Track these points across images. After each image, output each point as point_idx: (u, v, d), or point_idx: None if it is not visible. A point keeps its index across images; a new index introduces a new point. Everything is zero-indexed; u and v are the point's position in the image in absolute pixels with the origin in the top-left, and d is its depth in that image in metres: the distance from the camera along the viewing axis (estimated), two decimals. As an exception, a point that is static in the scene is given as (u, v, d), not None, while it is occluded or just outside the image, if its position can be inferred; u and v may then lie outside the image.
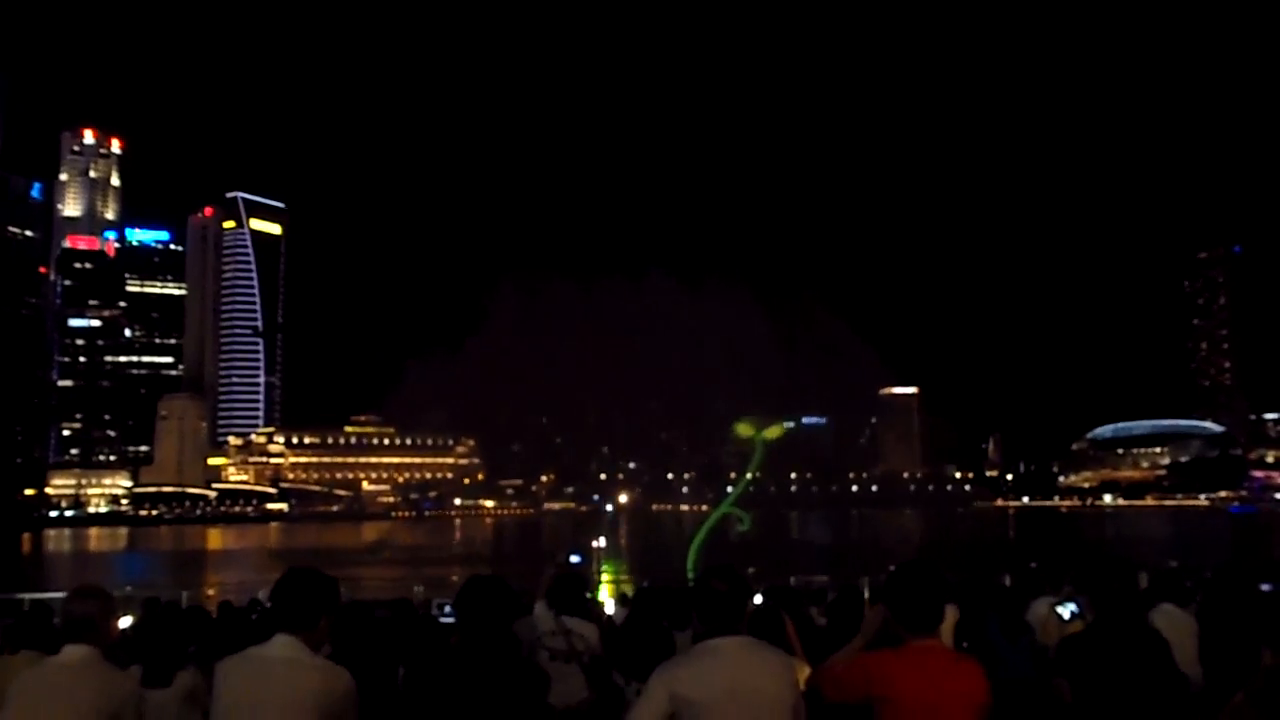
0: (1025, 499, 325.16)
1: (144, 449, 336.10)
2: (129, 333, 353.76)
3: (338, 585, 5.15)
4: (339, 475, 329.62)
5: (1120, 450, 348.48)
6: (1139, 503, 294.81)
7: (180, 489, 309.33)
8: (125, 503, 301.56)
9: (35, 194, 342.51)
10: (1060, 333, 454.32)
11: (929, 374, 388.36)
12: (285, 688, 4.70)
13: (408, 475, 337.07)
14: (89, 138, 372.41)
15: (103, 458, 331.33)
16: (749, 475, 46.35)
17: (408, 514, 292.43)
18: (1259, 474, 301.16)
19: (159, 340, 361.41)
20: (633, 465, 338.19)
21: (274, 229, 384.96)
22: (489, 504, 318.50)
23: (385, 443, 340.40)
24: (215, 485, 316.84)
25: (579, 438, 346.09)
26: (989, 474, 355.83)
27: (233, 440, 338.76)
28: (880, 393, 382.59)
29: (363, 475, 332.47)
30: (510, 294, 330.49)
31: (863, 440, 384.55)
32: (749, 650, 4.75)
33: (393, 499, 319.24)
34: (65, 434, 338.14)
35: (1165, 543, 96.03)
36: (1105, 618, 5.59)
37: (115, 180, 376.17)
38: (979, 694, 4.77)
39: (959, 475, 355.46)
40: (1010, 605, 9.28)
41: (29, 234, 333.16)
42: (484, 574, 5.33)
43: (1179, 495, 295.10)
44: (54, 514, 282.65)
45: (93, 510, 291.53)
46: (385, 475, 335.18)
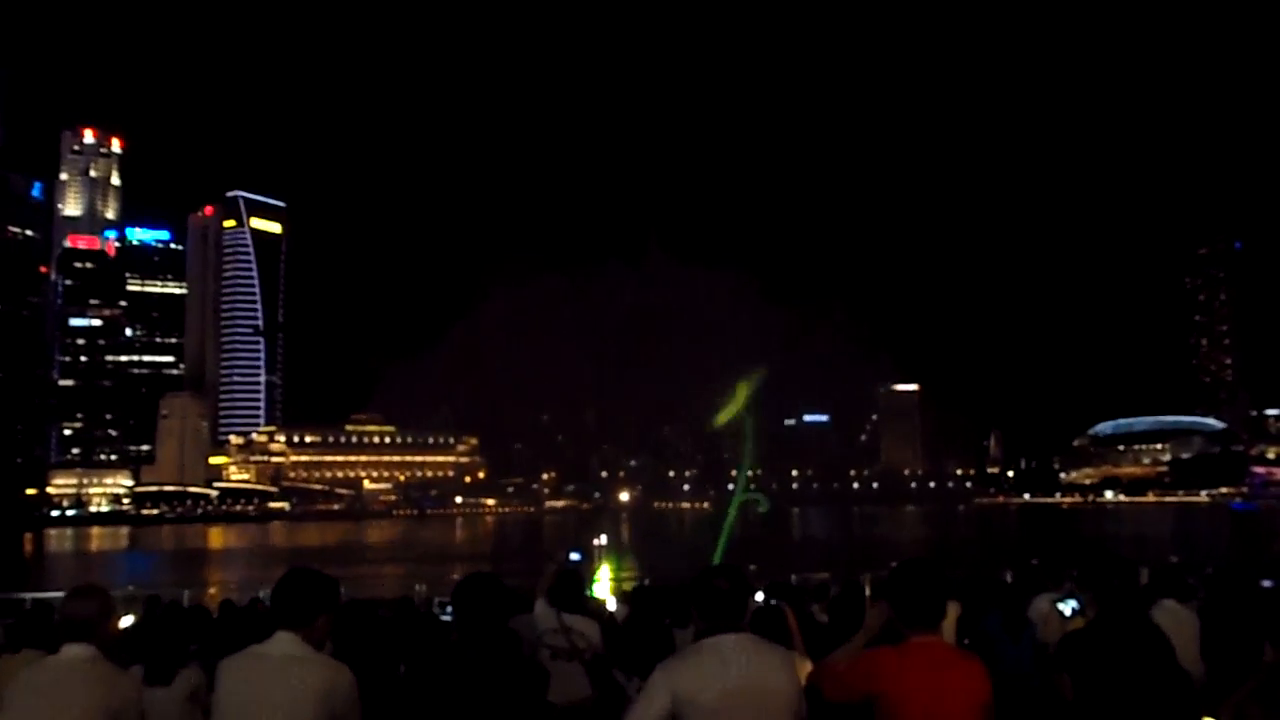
0: (1026, 495, 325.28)
1: (145, 448, 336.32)
2: (130, 332, 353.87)
3: (338, 585, 5.17)
4: (340, 474, 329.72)
5: (1121, 446, 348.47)
6: (1140, 499, 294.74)
7: (181, 488, 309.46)
8: (126, 502, 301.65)
9: (35, 193, 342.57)
10: (1061, 329, 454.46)
11: (930, 371, 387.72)
12: (287, 684, 4.73)
13: (409, 474, 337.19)
14: (89, 137, 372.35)
15: (104, 457, 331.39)
16: (747, 457, 46.68)
17: (409, 512, 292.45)
18: (1260, 470, 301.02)
19: (160, 339, 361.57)
20: (634, 463, 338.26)
21: (274, 228, 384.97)
22: (490, 502, 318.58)
23: (386, 441, 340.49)
24: (216, 484, 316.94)
25: (580, 435, 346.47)
26: (990, 470, 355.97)
27: (234, 439, 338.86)
28: (881, 390, 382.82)
29: (364, 474, 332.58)
30: (511, 291, 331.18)
31: (864, 437, 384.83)
32: (751, 647, 4.75)
33: (394, 497, 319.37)
34: (66, 433, 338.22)
35: (1166, 539, 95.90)
36: (1107, 614, 5.59)
37: (115, 179, 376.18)
38: (981, 691, 4.77)
39: (960, 472, 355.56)
40: (1012, 602, 9.28)
41: (29, 233, 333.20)
42: (479, 571, 5.34)
43: (1180, 491, 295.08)
44: (55, 513, 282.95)
45: (94, 510, 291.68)
46: (386, 474, 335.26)
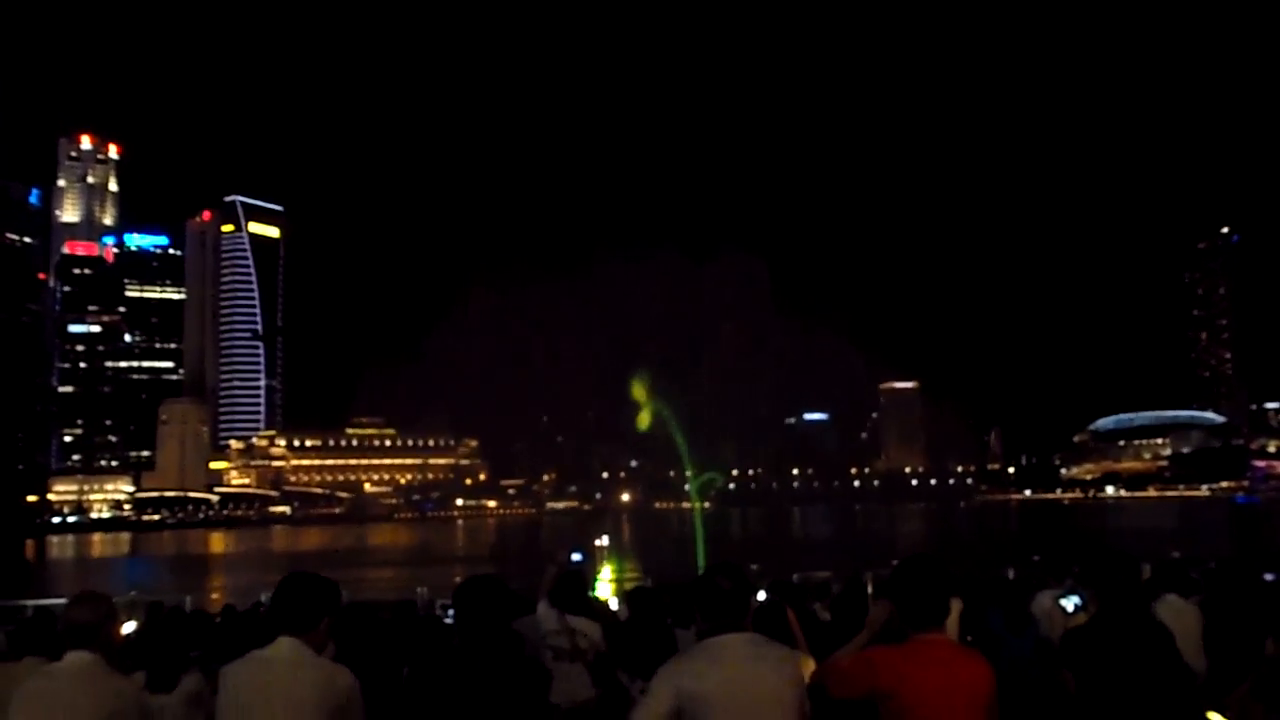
0: (1027, 492, 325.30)
1: (145, 454, 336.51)
2: (129, 338, 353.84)
3: (338, 588, 5.18)
4: (341, 477, 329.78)
5: (1121, 442, 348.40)
6: (1141, 494, 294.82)
7: (182, 493, 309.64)
8: (127, 508, 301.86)
9: (33, 200, 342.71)
10: (1060, 325, 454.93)
11: (930, 368, 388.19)
12: (289, 689, 4.75)
13: (409, 476, 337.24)
14: (86, 143, 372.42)
15: (104, 463, 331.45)
16: (683, 446, 48.15)
17: (410, 515, 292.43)
18: (1260, 464, 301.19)
19: (159, 345, 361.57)
20: (634, 463, 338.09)
21: (272, 232, 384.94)
22: (491, 504, 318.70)
23: (387, 444, 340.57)
24: (217, 489, 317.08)
25: (580, 437, 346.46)
26: (991, 467, 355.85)
27: (234, 444, 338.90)
28: (881, 387, 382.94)
29: (364, 477, 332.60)
30: (509, 293, 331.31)
31: (864, 435, 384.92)
32: (754, 647, 4.74)
33: (395, 500, 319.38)
34: (67, 440, 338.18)
35: (1168, 534, 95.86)
36: (1109, 610, 5.58)
37: (113, 185, 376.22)
38: (985, 687, 4.77)
39: (961, 469, 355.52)
40: (1014, 598, 9.29)
41: (28, 240, 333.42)
42: (481, 573, 5.34)
43: (1181, 486, 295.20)
44: (56, 520, 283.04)
45: (95, 516, 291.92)
46: (387, 477, 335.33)
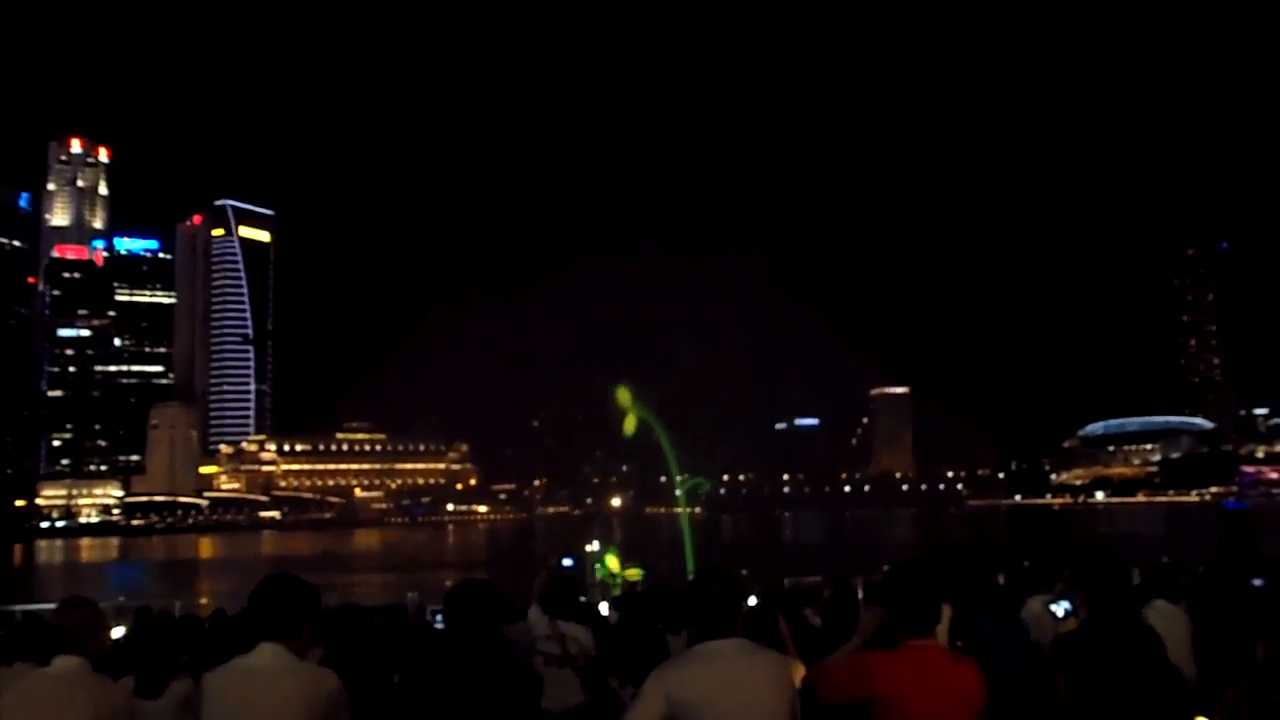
0: (1018, 497, 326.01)
1: (135, 458, 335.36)
2: (118, 342, 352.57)
3: (317, 590, 5.13)
4: (331, 482, 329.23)
5: (1111, 447, 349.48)
6: (1131, 499, 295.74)
7: (172, 498, 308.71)
8: (117, 512, 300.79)
9: (23, 204, 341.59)
10: (1050, 331, 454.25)
11: (920, 374, 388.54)
12: (274, 696, 4.72)
13: (400, 481, 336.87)
14: (76, 147, 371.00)
15: (93, 468, 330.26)
16: (669, 451, 48.78)
17: (400, 520, 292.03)
18: (1249, 469, 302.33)
19: (149, 349, 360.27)
20: (625, 468, 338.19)
21: (263, 236, 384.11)
22: (482, 509, 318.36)
23: (377, 449, 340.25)
24: (207, 494, 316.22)
25: (571, 442, 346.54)
26: (981, 472, 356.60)
27: (224, 448, 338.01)
28: (872, 392, 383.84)
29: (355, 482, 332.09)
30: (501, 298, 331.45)
31: (855, 440, 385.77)
32: (744, 652, 4.73)
33: (385, 505, 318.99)
34: (56, 444, 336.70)
35: (1157, 539, 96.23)
36: (1099, 615, 5.60)
37: (103, 189, 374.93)
38: (976, 693, 4.77)
39: (951, 474, 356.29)
40: (1004, 604, 9.29)
41: (17, 244, 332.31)
42: (471, 579, 5.32)
43: (1170, 491, 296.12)
44: (45, 525, 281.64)
45: (84, 520, 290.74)
46: (377, 482, 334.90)
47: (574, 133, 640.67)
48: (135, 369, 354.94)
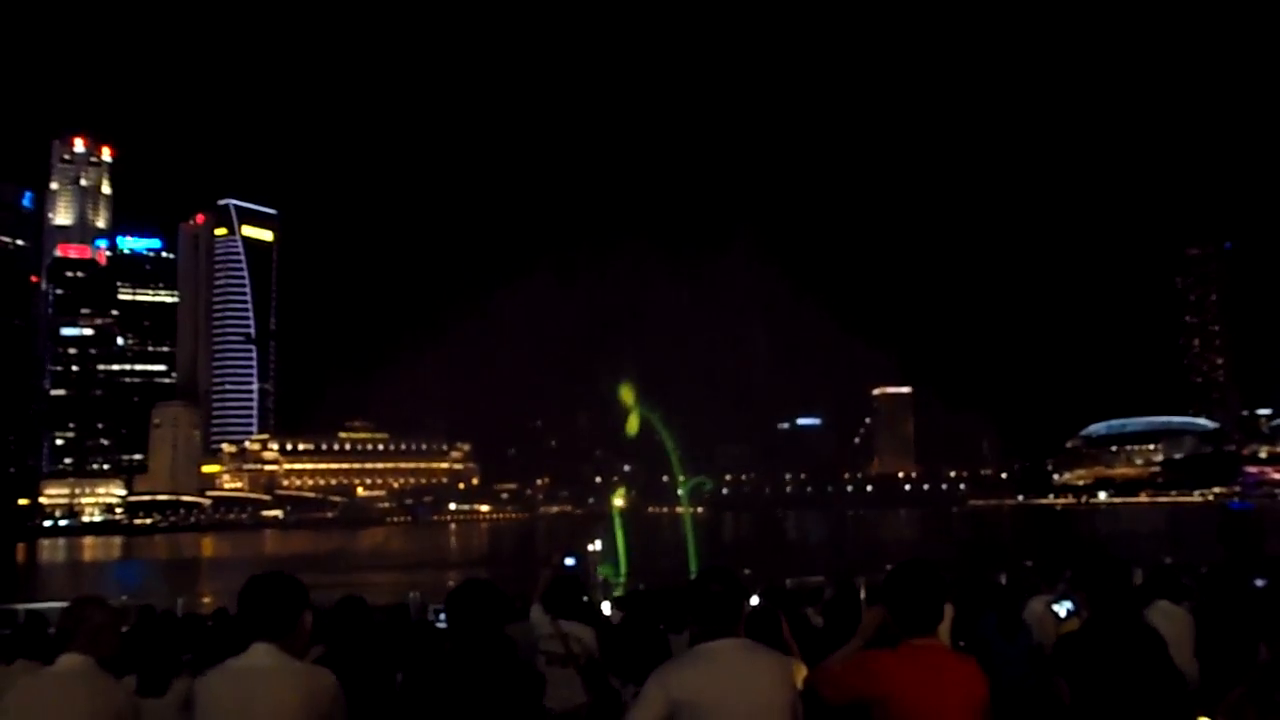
0: (1020, 497, 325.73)
1: (138, 457, 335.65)
2: (121, 341, 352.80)
3: (305, 588, 5.10)
4: (333, 482, 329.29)
5: (1114, 447, 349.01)
6: (1133, 499, 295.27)
7: (174, 497, 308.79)
8: (119, 511, 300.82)
9: (26, 203, 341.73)
10: (1052, 331, 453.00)
11: (923, 373, 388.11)
12: (270, 696, 4.68)
13: (402, 481, 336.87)
14: (79, 146, 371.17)
15: (96, 466, 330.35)
16: (673, 450, 49.12)
17: (403, 520, 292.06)
18: (1252, 470, 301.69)
19: (151, 348, 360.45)
20: (627, 468, 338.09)
21: (266, 235, 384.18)
22: (484, 509, 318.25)
23: (379, 448, 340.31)
24: (209, 493, 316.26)
25: (573, 441, 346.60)
26: (984, 472, 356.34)
27: (226, 448, 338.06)
28: (874, 392, 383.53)
29: (357, 481, 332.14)
30: (503, 297, 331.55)
31: (857, 440, 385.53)
32: (746, 652, 4.74)
33: (387, 505, 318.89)
34: (58, 443, 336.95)
35: (1160, 539, 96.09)
36: (1101, 615, 5.59)
37: (106, 188, 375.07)
38: (978, 693, 4.77)
39: (953, 474, 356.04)
40: (1007, 604, 9.30)
41: (20, 243, 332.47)
42: (473, 578, 5.32)
43: (1173, 492, 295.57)
44: (48, 524, 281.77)
45: (87, 519, 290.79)
46: (380, 481, 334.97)
47: (576, 131, 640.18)
48: (138, 368, 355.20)
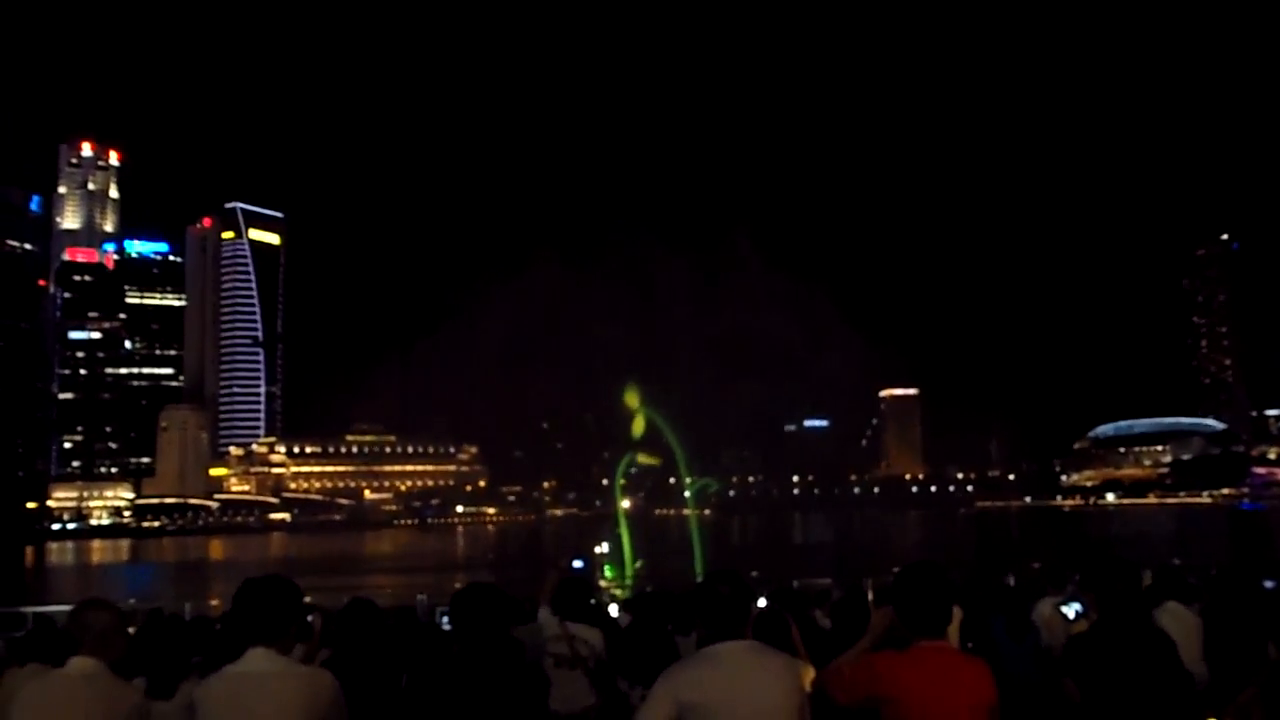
0: (1028, 499, 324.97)
1: (145, 461, 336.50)
2: (129, 345, 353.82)
3: (300, 589, 5.12)
4: (341, 484, 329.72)
5: (1122, 448, 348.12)
6: (1141, 501, 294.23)
7: (182, 500, 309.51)
8: (127, 515, 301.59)
9: (34, 207, 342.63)
10: (1060, 332, 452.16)
11: (930, 375, 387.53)
12: (270, 701, 4.68)
13: (410, 483, 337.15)
14: (87, 150, 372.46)
15: (104, 470, 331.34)
16: (679, 450, 49.33)
17: (410, 522, 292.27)
18: (1261, 470, 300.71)
19: (159, 352, 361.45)
20: (634, 470, 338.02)
21: (273, 239, 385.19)
22: (491, 511, 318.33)
23: (387, 451, 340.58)
24: (217, 496, 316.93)
25: (580, 443, 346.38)
26: (991, 474, 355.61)
27: (234, 451, 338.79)
28: (881, 394, 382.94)
29: (365, 484, 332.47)
30: (510, 299, 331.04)
31: (864, 442, 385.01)
32: (754, 654, 4.74)
33: (395, 507, 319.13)
34: (66, 447, 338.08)
35: (1168, 540, 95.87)
36: (1110, 617, 5.59)
37: (114, 192, 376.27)
38: (987, 695, 4.77)
39: (961, 475, 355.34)
40: (1015, 605, 9.29)
41: (28, 247, 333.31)
42: (477, 581, 5.33)
43: (1181, 493, 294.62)
44: (56, 527, 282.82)
45: (95, 523, 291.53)
46: (387, 484, 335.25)
47: (581, 133, 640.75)
48: (146, 371, 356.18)
